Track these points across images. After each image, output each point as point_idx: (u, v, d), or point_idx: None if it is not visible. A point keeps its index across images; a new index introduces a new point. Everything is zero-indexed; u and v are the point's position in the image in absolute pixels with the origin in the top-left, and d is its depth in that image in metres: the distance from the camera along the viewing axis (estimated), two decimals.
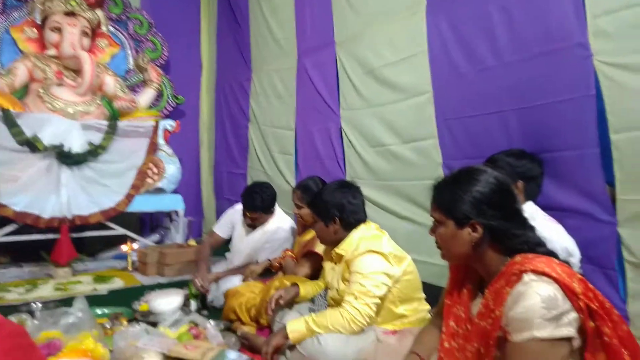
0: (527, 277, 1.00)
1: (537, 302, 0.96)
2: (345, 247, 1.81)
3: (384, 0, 2.84)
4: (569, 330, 0.95)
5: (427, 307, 1.85)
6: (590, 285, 1.02)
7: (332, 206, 1.84)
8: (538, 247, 1.11)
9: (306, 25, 3.55)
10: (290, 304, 1.91)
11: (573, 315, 0.96)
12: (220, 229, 2.84)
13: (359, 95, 3.04)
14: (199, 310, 2.37)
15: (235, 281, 2.45)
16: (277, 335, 1.65)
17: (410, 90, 2.65)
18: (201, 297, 2.49)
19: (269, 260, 2.54)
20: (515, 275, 1.03)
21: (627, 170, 1.71)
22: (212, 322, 2.01)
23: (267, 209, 2.63)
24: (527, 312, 0.96)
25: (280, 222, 2.71)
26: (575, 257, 1.73)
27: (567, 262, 1.08)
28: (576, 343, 0.97)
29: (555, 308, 0.95)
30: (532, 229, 1.15)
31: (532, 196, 1.91)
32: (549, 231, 1.56)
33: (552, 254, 1.11)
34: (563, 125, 1.93)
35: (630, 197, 1.71)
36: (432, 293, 1.93)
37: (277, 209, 2.76)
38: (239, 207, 2.74)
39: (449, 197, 1.17)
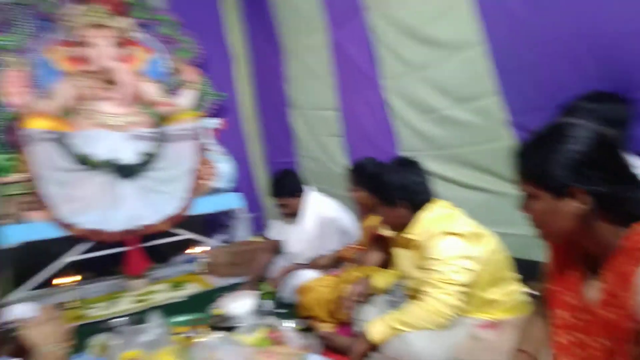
0: None
1: None
2: (415, 231, 1.68)
3: None
4: None
5: (522, 288, 1.67)
6: None
7: (395, 188, 1.70)
8: None
9: None
10: (367, 297, 1.82)
11: None
12: (270, 232, 2.86)
13: (400, 60, 2.82)
14: (274, 310, 2.34)
15: (306, 276, 2.39)
16: (359, 341, 1.56)
17: (458, 44, 2.41)
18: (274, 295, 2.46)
19: (336, 251, 2.46)
20: None
21: None
22: (289, 323, 1.96)
23: (292, 193, 2.59)
24: None
25: (319, 205, 2.64)
26: None
27: None
28: None
29: None
30: None
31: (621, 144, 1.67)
32: None
33: None
34: None
35: None
36: (521, 269, 1.74)
37: (313, 194, 2.68)
38: None
39: (538, 164, 0.95)
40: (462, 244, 1.53)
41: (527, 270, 1.74)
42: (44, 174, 3.27)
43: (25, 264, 3.26)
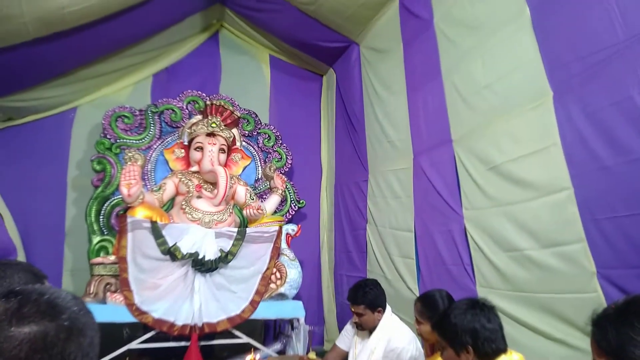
0: None
1: None
2: None
3: (502, 95, 2.71)
4: None
5: None
6: None
7: (463, 331, 1.60)
8: None
9: (421, 126, 3.53)
10: None
11: None
12: (341, 341, 2.74)
13: (483, 193, 2.81)
14: None
15: None
16: None
17: (545, 187, 2.37)
18: None
19: None
20: None
21: None
22: None
23: (371, 305, 2.48)
24: None
25: (391, 330, 2.48)
26: None
27: None
28: None
29: None
30: None
31: None
32: None
33: None
34: None
35: None
36: None
37: (392, 317, 2.57)
38: None
39: (616, 340, 0.91)
40: None
41: None
42: (132, 259, 3.54)
43: None
